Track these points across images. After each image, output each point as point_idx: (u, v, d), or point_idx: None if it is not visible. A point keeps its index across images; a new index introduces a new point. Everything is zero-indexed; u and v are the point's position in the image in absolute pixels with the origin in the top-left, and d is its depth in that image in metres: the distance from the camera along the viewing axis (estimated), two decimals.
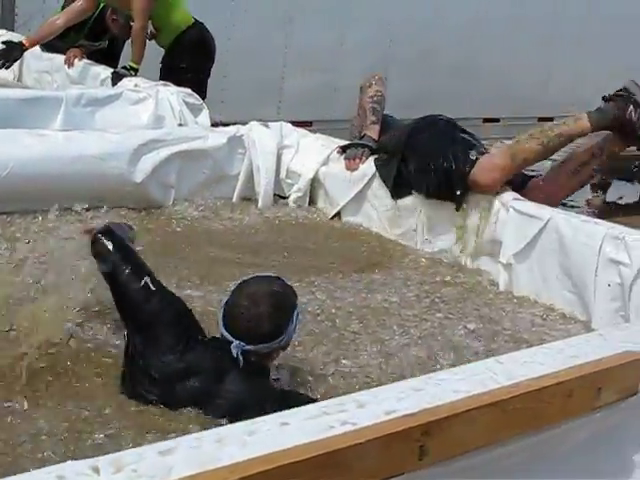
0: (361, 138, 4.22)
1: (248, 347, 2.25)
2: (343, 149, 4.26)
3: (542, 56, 9.33)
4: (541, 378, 1.63)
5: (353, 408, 1.46)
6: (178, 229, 3.91)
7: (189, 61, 5.93)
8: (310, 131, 4.86)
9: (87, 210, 3.79)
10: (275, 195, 4.38)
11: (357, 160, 4.12)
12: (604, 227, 3.18)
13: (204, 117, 5.04)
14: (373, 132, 4.17)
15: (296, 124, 4.86)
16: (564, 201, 4.42)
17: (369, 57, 7.89)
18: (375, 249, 3.87)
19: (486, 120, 8.72)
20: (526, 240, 3.38)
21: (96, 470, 1.20)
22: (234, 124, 4.60)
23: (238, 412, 2.07)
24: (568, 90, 9.61)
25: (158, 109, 4.96)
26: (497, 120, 9.01)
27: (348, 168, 4.15)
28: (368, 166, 4.10)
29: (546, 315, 3.23)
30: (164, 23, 5.87)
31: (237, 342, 2.25)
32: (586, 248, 3.16)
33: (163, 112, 4.94)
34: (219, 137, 4.34)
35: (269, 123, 4.54)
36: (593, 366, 1.72)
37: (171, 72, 5.77)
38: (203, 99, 5.81)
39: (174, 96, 4.99)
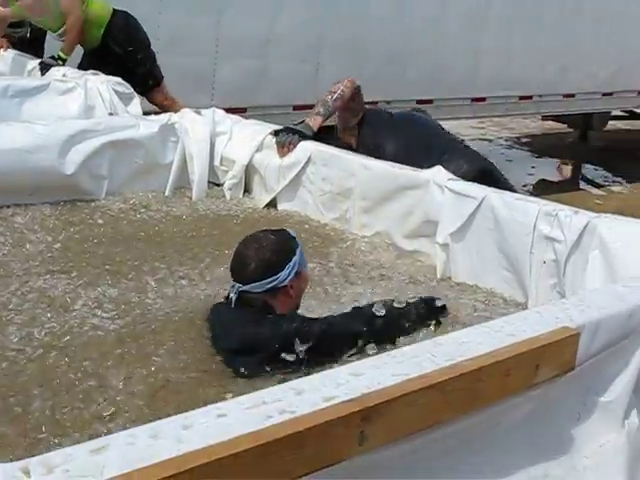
0: (299, 123, 4.21)
1: (242, 287, 2.50)
2: (276, 133, 4.23)
3: (472, 38, 9.45)
4: (479, 358, 1.62)
5: (291, 396, 1.43)
6: (100, 222, 3.79)
7: (130, 44, 5.89)
8: (244, 117, 4.81)
9: (8, 207, 3.73)
10: (210, 183, 4.33)
11: (288, 148, 4.11)
12: (537, 204, 3.19)
13: (135, 106, 4.97)
14: (314, 122, 4.17)
15: (230, 111, 4.82)
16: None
17: (301, 42, 7.86)
18: (312, 235, 3.81)
19: (419, 102, 8.74)
20: (462, 220, 3.38)
21: (26, 472, 1.16)
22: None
23: (249, 345, 2.39)
24: (498, 71, 9.77)
25: (87, 99, 4.88)
26: (430, 102, 9.05)
27: (280, 155, 4.14)
28: (301, 150, 4.08)
29: (488, 300, 3.18)
30: (86, 18, 5.77)
31: (234, 284, 2.52)
32: (521, 226, 3.17)
33: (93, 102, 4.87)
34: (151, 126, 4.27)
35: (201, 110, 4.49)
36: (530, 343, 1.72)
37: (111, 60, 5.69)
38: (160, 74, 5.75)
39: (104, 85, 4.91)
